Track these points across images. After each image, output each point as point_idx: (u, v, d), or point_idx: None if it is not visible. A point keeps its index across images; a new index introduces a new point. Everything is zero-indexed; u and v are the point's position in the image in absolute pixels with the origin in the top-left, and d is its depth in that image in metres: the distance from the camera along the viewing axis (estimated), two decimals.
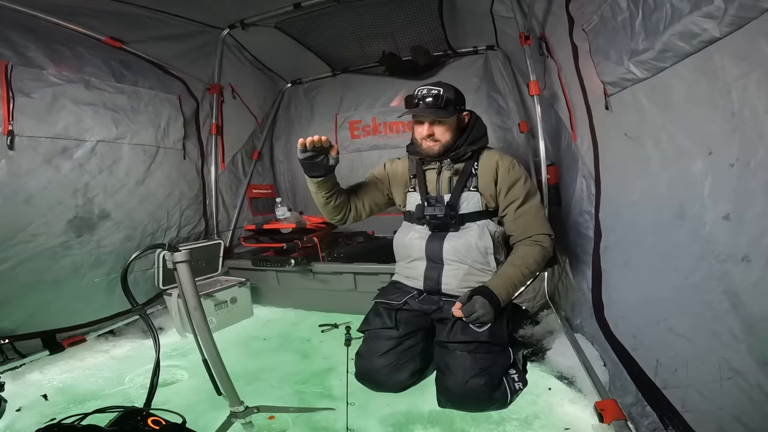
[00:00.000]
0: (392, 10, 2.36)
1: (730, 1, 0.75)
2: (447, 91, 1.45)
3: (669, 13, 0.93)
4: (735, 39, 0.78)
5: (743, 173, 0.78)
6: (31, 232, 1.83)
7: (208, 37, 2.63)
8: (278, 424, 1.30)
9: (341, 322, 2.08)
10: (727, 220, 0.83)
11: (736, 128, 0.79)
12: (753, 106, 0.75)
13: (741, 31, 0.76)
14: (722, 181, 0.84)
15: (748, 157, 0.77)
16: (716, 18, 0.79)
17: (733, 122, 0.80)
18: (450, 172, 1.54)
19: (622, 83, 1.22)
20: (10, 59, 1.77)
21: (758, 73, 0.73)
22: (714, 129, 0.86)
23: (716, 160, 0.86)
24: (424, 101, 1.45)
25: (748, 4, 0.72)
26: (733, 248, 0.81)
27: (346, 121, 3.23)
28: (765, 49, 0.71)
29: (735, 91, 0.79)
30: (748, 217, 0.77)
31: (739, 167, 0.79)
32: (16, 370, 1.70)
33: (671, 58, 0.96)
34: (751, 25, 0.73)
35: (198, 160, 2.69)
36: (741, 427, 0.76)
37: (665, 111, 1.05)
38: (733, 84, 0.79)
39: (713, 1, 0.78)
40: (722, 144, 0.84)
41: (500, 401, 1.31)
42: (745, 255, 0.78)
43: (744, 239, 0.78)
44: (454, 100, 1.47)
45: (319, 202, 1.59)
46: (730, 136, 0.81)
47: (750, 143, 0.76)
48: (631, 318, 1.27)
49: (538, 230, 1.49)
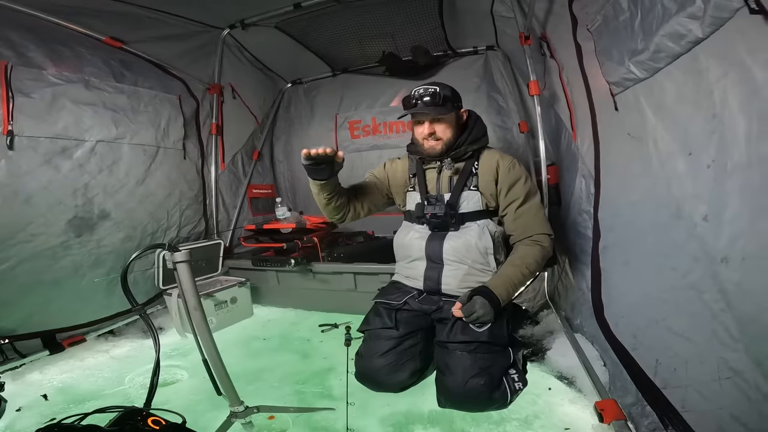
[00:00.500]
0: (392, 9, 2.36)
1: (707, 1, 0.75)
2: (444, 89, 1.46)
3: (660, 14, 0.93)
4: (716, 39, 0.78)
5: (720, 174, 0.78)
6: (30, 232, 1.83)
7: (208, 37, 2.63)
8: (278, 424, 1.30)
9: (341, 322, 2.08)
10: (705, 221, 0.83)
11: (715, 129, 0.79)
12: (730, 106, 0.75)
13: (720, 31, 0.76)
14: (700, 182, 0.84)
15: (724, 159, 0.77)
16: (698, 18, 0.79)
17: (713, 123, 0.80)
18: (450, 171, 1.54)
19: (624, 83, 1.22)
20: (10, 59, 1.77)
21: (734, 73, 0.73)
22: (695, 130, 0.86)
23: (695, 161, 0.86)
24: (422, 100, 1.45)
25: (722, 3, 0.71)
26: (714, 249, 0.81)
27: (346, 121, 3.24)
28: (739, 49, 0.71)
29: (716, 91, 0.79)
30: (725, 218, 0.77)
31: (715, 168, 0.79)
32: (16, 370, 1.70)
33: (664, 58, 0.97)
34: (727, 25, 0.73)
35: (198, 160, 2.69)
36: (740, 426, 0.76)
37: (658, 111, 1.05)
38: (714, 84, 0.79)
39: (695, 2, 0.78)
40: (701, 145, 0.84)
41: (500, 401, 1.31)
42: (724, 256, 0.78)
43: (722, 241, 0.78)
44: (451, 98, 1.47)
45: (320, 202, 1.61)
46: (709, 137, 0.81)
47: (727, 144, 0.76)
48: (630, 318, 1.27)
49: (538, 230, 1.49)
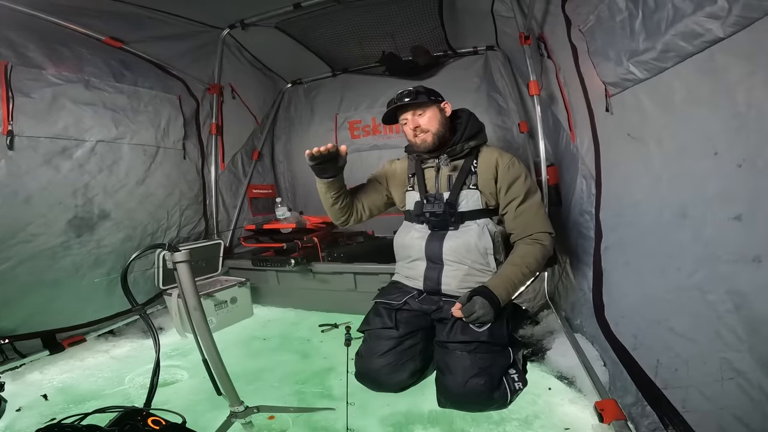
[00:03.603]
0: (392, 9, 2.36)
1: (734, 2, 0.75)
2: (418, 87, 1.54)
3: (671, 14, 0.93)
4: (739, 39, 0.77)
5: (752, 173, 0.78)
6: (30, 232, 1.83)
7: (208, 37, 2.63)
8: (278, 424, 1.30)
9: (341, 322, 2.08)
10: (738, 220, 0.82)
11: (740, 128, 0.79)
12: (759, 106, 0.75)
13: (745, 31, 0.76)
14: (731, 181, 0.84)
15: (755, 157, 0.76)
16: (720, 18, 0.79)
17: (737, 122, 0.80)
18: (448, 168, 1.54)
19: (623, 83, 1.22)
20: (10, 59, 1.77)
21: (763, 73, 0.73)
22: (716, 129, 0.86)
23: (722, 160, 0.85)
24: (400, 101, 1.52)
25: (753, 4, 0.71)
26: (744, 248, 0.80)
27: (346, 121, 3.24)
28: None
29: (740, 91, 0.79)
30: (759, 217, 0.77)
31: (747, 167, 0.79)
32: (16, 370, 1.70)
33: (673, 58, 0.96)
34: (755, 25, 0.73)
35: (198, 160, 2.69)
36: (742, 427, 0.76)
37: (667, 111, 1.04)
38: (737, 84, 0.79)
39: (717, 2, 0.78)
40: (727, 144, 0.83)
41: (500, 401, 1.31)
42: (756, 255, 0.77)
43: (755, 239, 0.78)
44: (426, 92, 1.53)
45: (327, 202, 1.63)
46: (734, 137, 0.81)
47: (755, 143, 0.76)
48: (631, 318, 1.27)
49: (539, 228, 1.49)
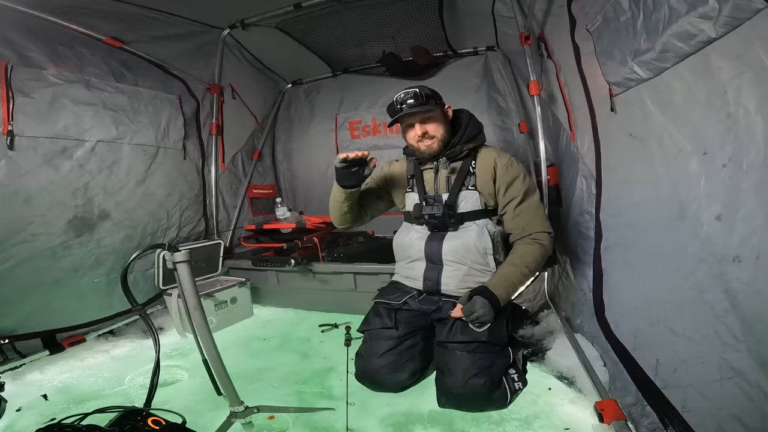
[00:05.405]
0: (392, 10, 2.36)
1: (724, 2, 0.75)
2: (423, 89, 1.49)
3: (667, 14, 0.93)
4: (730, 39, 0.78)
5: (735, 173, 0.78)
6: (31, 232, 1.83)
7: (209, 37, 2.63)
8: (278, 424, 1.30)
9: (341, 322, 2.08)
10: (719, 220, 0.83)
11: (730, 129, 0.80)
12: (746, 106, 0.75)
13: (735, 31, 0.76)
14: (715, 181, 0.84)
15: (740, 158, 0.77)
16: (711, 18, 0.79)
17: (728, 122, 0.80)
18: (447, 170, 1.54)
19: (626, 83, 1.22)
20: (10, 59, 1.77)
21: (751, 74, 0.74)
22: (709, 129, 0.86)
23: (710, 160, 0.86)
24: (406, 103, 1.47)
25: (741, 4, 0.72)
26: (725, 248, 0.81)
27: (346, 122, 3.24)
28: (757, 50, 0.71)
29: (730, 91, 0.79)
30: (739, 217, 0.77)
31: (731, 168, 0.79)
32: (16, 370, 1.70)
33: (671, 58, 0.97)
34: (744, 26, 0.73)
35: (198, 160, 2.69)
36: (741, 427, 0.76)
37: (666, 111, 1.05)
38: (728, 84, 0.79)
39: (708, 2, 0.78)
40: (716, 144, 0.84)
41: (500, 401, 1.31)
42: (736, 255, 0.78)
43: (735, 239, 0.78)
44: (432, 95, 1.50)
45: (338, 210, 1.62)
46: (724, 137, 0.81)
47: (743, 144, 0.76)
48: (631, 318, 1.27)
49: (538, 228, 1.49)
